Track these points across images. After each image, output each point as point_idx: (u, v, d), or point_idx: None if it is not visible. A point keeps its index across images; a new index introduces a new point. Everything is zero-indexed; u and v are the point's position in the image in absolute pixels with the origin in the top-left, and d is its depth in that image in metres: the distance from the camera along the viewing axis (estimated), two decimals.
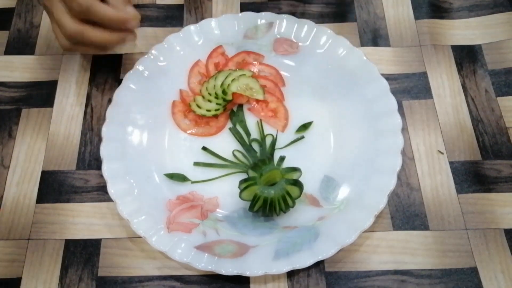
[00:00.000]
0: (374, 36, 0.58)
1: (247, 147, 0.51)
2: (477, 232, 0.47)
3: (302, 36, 0.55)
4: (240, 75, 0.52)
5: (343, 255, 0.45)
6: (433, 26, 0.58)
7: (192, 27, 0.55)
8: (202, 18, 0.58)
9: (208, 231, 0.46)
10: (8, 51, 0.58)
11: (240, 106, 0.53)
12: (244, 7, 0.60)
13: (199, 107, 0.52)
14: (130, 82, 0.52)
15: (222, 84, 0.52)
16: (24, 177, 0.50)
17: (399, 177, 0.47)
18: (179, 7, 0.61)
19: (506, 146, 0.51)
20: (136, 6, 0.60)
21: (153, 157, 0.50)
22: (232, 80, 0.52)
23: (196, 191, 0.49)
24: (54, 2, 0.46)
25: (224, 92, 0.52)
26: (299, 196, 0.45)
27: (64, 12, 0.45)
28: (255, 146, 0.51)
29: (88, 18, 0.46)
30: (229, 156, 0.51)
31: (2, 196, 0.49)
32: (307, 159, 0.50)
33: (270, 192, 0.44)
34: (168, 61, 0.54)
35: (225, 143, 0.51)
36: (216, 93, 0.52)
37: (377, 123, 0.49)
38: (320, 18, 0.59)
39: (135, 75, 0.52)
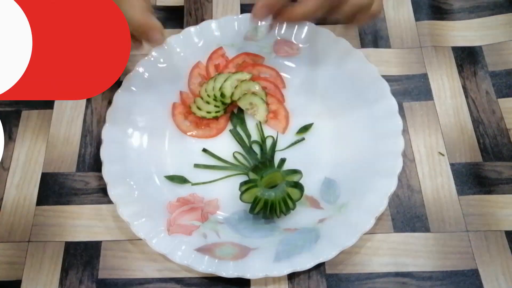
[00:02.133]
0: (374, 38, 0.58)
1: (248, 149, 0.51)
2: (478, 234, 0.47)
3: (302, 37, 0.55)
4: (242, 81, 0.52)
5: (344, 257, 0.45)
6: (434, 28, 0.58)
7: (192, 29, 0.55)
8: (202, 20, 0.57)
9: (209, 233, 0.46)
10: None
11: (241, 108, 0.53)
12: (244, 9, 0.60)
13: (199, 109, 0.52)
14: (130, 84, 0.51)
15: (220, 87, 0.52)
16: (24, 179, 0.50)
17: (399, 179, 0.47)
18: (179, 9, 0.61)
19: (507, 148, 0.51)
20: None
21: (154, 159, 0.50)
22: (235, 87, 0.52)
23: (197, 193, 0.49)
24: None
25: (222, 95, 0.52)
26: (299, 198, 0.45)
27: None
28: (256, 148, 0.51)
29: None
30: (230, 158, 0.51)
31: (2, 198, 0.49)
32: (308, 161, 0.50)
33: (270, 194, 0.44)
34: (168, 63, 0.54)
35: (225, 145, 0.51)
36: (215, 95, 0.52)
37: (377, 124, 0.49)
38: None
39: (135, 77, 0.52)
